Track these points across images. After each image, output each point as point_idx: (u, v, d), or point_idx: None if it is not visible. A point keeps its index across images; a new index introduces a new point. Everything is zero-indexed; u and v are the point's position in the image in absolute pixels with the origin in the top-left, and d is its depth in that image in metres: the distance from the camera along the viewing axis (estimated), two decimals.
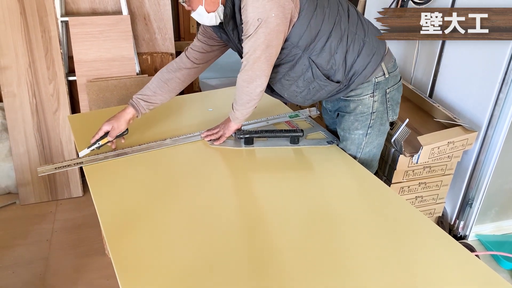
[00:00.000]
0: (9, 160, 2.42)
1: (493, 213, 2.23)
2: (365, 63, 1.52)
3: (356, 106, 1.60)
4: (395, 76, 1.61)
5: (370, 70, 1.53)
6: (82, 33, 2.29)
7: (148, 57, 2.52)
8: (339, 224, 1.29)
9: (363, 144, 1.67)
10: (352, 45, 1.50)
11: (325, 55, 1.48)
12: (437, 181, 2.02)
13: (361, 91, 1.57)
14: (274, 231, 1.25)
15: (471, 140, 1.92)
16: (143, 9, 2.46)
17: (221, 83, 3.97)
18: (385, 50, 1.58)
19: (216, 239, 1.21)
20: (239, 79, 1.49)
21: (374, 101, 1.59)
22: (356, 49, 1.51)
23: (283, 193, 1.42)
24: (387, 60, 1.57)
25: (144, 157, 1.58)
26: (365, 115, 1.61)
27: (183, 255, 1.16)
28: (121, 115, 1.61)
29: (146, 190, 1.41)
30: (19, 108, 2.31)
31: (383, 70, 1.56)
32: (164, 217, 1.29)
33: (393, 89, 1.61)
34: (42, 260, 2.06)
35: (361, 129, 1.63)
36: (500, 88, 1.86)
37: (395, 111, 1.67)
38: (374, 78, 1.55)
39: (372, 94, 1.58)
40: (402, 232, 1.26)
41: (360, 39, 1.51)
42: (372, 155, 1.72)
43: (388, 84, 1.58)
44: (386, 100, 1.61)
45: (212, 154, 1.63)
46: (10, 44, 2.23)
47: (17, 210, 2.39)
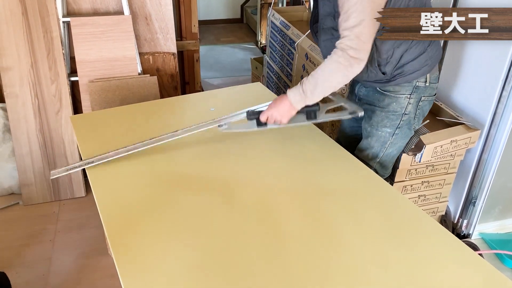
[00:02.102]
0: (12, 160, 2.42)
1: (497, 212, 2.22)
2: (415, 68, 1.53)
3: (390, 102, 1.60)
4: (432, 89, 1.62)
5: (416, 76, 1.54)
6: (83, 34, 2.29)
7: (150, 57, 2.52)
8: (340, 224, 1.28)
9: (388, 143, 1.67)
10: (415, 47, 1.49)
11: (388, 44, 1.46)
12: (440, 179, 2.01)
13: (400, 89, 1.57)
14: (279, 232, 1.25)
15: (474, 139, 1.91)
16: (145, 9, 2.46)
17: (224, 82, 3.97)
18: (437, 63, 1.59)
19: (220, 237, 1.21)
20: (332, 63, 1.36)
21: (409, 103, 1.59)
22: (415, 53, 1.50)
23: (287, 188, 1.42)
24: (433, 72, 1.59)
25: (146, 154, 1.57)
26: (396, 114, 1.61)
27: (186, 254, 1.16)
28: None
29: (148, 188, 1.41)
30: (22, 108, 2.32)
31: (426, 79, 1.57)
32: (167, 215, 1.30)
33: (427, 100, 1.63)
34: (45, 260, 2.07)
35: (390, 127, 1.63)
36: (503, 86, 1.86)
37: (419, 122, 1.69)
38: (415, 82, 1.56)
39: (409, 96, 1.58)
40: (405, 231, 1.26)
41: (423, 46, 1.50)
42: (391, 157, 1.73)
43: (425, 92, 1.60)
44: (418, 107, 1.62)
45: (217, 148, 1.62)
46: (12, 45, 2.24)
47: (20, 210, 2.39)
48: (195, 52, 3.33)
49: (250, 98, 1.99)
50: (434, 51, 1.55)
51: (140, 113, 1.86)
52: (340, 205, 1.35)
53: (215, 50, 4.75)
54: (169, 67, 2.57)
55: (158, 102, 2.02)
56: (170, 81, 2.61)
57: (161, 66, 2.56)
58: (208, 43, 4.89)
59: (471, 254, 1.17)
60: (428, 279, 1.09)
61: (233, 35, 5.16)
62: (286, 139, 1.69)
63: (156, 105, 1.97)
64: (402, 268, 1.12)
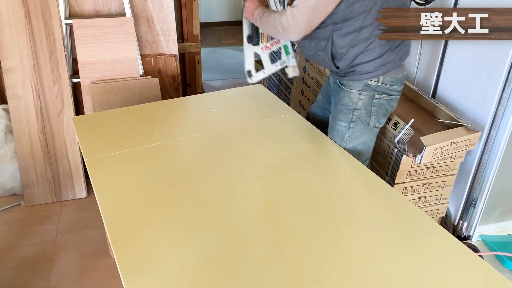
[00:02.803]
0: (14, 161, 2.43)
1: (497, 214, 2.22)
2: (367, 70, 1.60)
3: (343, 96, 1.68)
4: (389, 90, 1.65)
5: (367, 77, 1.61)
6: (86, 35, 2.30)
7: (152, 59, 2.53)
8: (341, 226, 1.29)
9: (346, 137, 1.73)
10: (371, 51, 1.56)
11: (345, 41, 1.55)
12: (441, 181, 2.01)
13: (352, 84, 1.65)
14: (282, 230, 1.26)
15: (475, 140, 1.91)
16: (147, 11, 2.48)
17: (225, 84, 3.98)
18: (392, 68, 1.61)
19: (222, 237, 1.22)
20: (275, 20, 1.58)
21: (359, 98, 1.65)
22: (370, 56, 1.57)
23: (291, 188, 1.43)
24: (389, 75, 1.62)
25: (148, 154, 1.58)
26: (348, 109, 1.68)
27: (189, 254, 1.16)
28: None
29: (150, 186, 1.42)
30: (24, 110, 2.33)
31: (379, 80, 1.62)
32: (169, 215, 1.30)
33: (383, 99, 1.66)
34: (46, 261, 2.08)
35: (344, 121, 1.71)
36: (503, 87, 1.86)
37: (379, 119, 1.72)
38: (366, 80, 1.62)
39: (359, 92, 1.64)
40: (405, 232, 1.26)
41: (380, 51, 1.56)
42: (357, 153, 1.75)
43: (377, 90, 1.64)
44: (372, 103, 1.66)
45: (217, 148, 1.64)
46: (14, 47, 2.25)
47: (22, 211, 2.40)
48: (197, 54, 3.34)
49: (251, 100, 2.00)
50: (393, 57, 1.59)
51: (142, 115, 1.87)
52: (342, 206, 1.36)
53: (217, 52, 4.76)
54: (171, 69, 2.58)
55: (160, 103, 2.03)
56: (172, 83, 2.62)
57: (163, 68, 2.57)
58: (209, 45, 4.90)
59: (471, 256, 1.18)
60: (428, 280, 1.10)
61: (235, 37, 5.17)
62: (289, 140, 1.70)
63: (158, 106, 1.98)
64: (403, 269, 1.13)
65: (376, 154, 2.03)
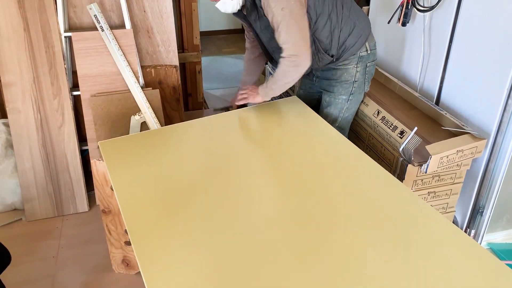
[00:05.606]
0: (14, 176, 2.41)
1: (505, 221, 2.19)
2: (354, 41, 1.86)
3: (342, 73, 1.93)
4: (373, 54, 1.95)
5: (357, 47, 1.87)
6: (85, 48, 2.29)
7: (152, 70, 2.51)
8: (347, 223, 1.29)
9: (344, 109, 2.00)
10: (346, 25, 1.82)
11: (325, 32, 1.80)
12: (447, 190, 1.99)
13: (348, 61, 1.90)
14: (297, 233, 1.26)
15: (480, 148, 1.88)
16: (146, 22, 2.46)
17: (226, 93, 3.96)
18: (370, 32, 1.92)
19: (243, 232, 1.25)
20: (282, 69, 1.73)
21: (356, 71, 1.92)
22: (348, 29, 1.83)
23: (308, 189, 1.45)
24: (370, 40, 1.92)
25: (168, 159, 1.62)
26: (348, 83, 1.94)
27: (208, 249, 1.19)
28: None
29: (169, 186, 1.46)
30: (24, 124, 2.31)
31: (367, 48, 1.90)
32: (188, 208, 1.34)
33: (371, 64, 1.96)
34: (48, 277, 2.05)
35: (345, 94, 1.96)
36: (508, 94, 1.83)
37: (369, 83, 2.01)
38: (359, 53, 1.89)
39: (356, 65, 1.91)
40: (414, 227, 1.27)
41: (352, 22, 1.84)
42: (348, 122, 2.06)
43: (369, 59, 1.93)
44: (365, 72, 1.95)
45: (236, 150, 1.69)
46: (14, 61, 2.24)
47: (23, 226, 2.38)
48: (197, 64, 3.33)
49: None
50: (362, 22, 1.88)
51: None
52: (346, 204, 1.38)
53: (217, 61, 4.75)
54: (171, 79, 2.57)
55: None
56: (173, 94, 2.61)
57: (163, 79, 2.55)
58: (210, 54, 4.89)
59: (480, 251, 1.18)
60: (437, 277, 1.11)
61: (235, 45, 5.16)
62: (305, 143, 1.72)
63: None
64: (410, 265, 1.12)
65: (380, 163, 2.00)
